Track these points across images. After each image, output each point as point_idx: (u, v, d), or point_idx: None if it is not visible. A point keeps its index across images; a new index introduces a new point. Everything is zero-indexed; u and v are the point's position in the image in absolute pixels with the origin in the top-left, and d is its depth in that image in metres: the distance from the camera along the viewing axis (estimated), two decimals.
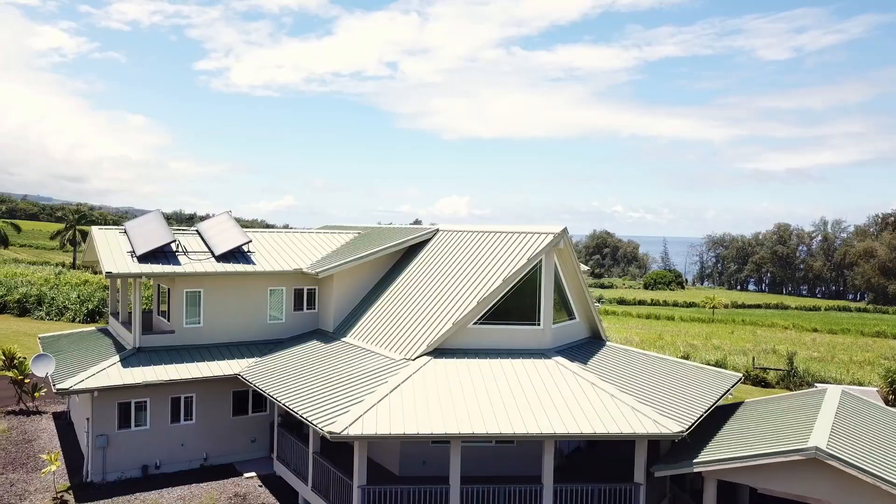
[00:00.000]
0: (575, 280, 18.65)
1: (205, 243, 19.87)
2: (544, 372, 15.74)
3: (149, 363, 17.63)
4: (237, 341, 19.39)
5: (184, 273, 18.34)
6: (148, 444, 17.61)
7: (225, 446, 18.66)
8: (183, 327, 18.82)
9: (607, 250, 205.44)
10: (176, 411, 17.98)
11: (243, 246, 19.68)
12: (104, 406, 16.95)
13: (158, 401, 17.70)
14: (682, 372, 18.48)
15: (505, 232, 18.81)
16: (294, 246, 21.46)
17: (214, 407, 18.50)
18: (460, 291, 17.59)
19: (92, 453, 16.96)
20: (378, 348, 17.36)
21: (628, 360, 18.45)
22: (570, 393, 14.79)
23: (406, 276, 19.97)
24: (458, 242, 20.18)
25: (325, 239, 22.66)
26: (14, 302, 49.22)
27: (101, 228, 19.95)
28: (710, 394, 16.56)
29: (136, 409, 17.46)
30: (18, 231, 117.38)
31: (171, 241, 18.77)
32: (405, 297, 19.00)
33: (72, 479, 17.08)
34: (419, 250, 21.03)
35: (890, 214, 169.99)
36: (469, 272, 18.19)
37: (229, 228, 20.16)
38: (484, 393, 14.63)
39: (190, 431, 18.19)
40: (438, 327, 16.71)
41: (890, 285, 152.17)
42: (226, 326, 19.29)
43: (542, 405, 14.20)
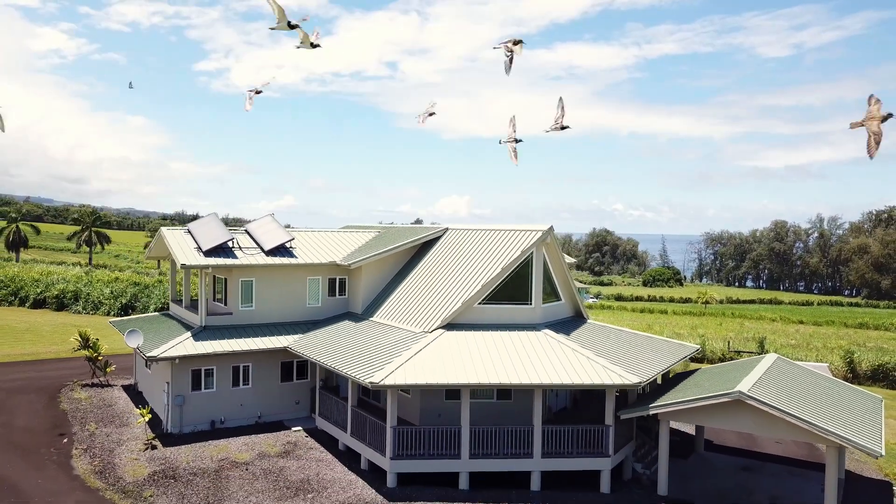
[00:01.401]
0: (560, 269, 22.65)
1: (254, 241, 23.90)
2: (535, 341, 19.75)
3: (213, 338, 21.67)
4: (282, 322, 23.42)
5: (240, 265, 22.39)
6: (214, 403, 21.69)
7: (275, 407, 22.73)
8: (239, 310, 22.87)
9: (607, 248, 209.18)
10: (236, 378, 22.06)
11: (287, 243, 23.72)
12: (181, 372, 21.03)
13: (222, 369, 21.77)
14: (649, 343, 22.52)
15: (502, 229, 22.83)
16: (326, 243, 25.50)
17: (266, 375, 22.57)
18: (467, 278, 21.61)
19: (171, 410, 21.03)
20: (401, 324, 21.40)
21: (605, 334, 22.47)
22: (555, 356, 18.79)
23: (421, 267, 24.00)
24: (464, 239, 24.20)
25: (351, 237, 26.69)
26: (53, 298, 53.37)
27: (170, 229, 24.03)
28: (668, 358, 20.60)
29: (205, 375, 21.54)
30: (38, 233, 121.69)
31: (229, 240, 22.84)
32: (421, 284, 23.03)
33: (154, 432, 21.12)
34: (432, 246, 25.05)
35: (883, 211, 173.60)
36: (473, 262, 22.20)
37: (274, 228, 24.20)
38: (487, 355, 18.64)
39: (247, 394, 22.27)
40: (450, 306, 20.72)
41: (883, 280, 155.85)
42: (273, 309, 23.34)
43: (532, 364, 18.21)
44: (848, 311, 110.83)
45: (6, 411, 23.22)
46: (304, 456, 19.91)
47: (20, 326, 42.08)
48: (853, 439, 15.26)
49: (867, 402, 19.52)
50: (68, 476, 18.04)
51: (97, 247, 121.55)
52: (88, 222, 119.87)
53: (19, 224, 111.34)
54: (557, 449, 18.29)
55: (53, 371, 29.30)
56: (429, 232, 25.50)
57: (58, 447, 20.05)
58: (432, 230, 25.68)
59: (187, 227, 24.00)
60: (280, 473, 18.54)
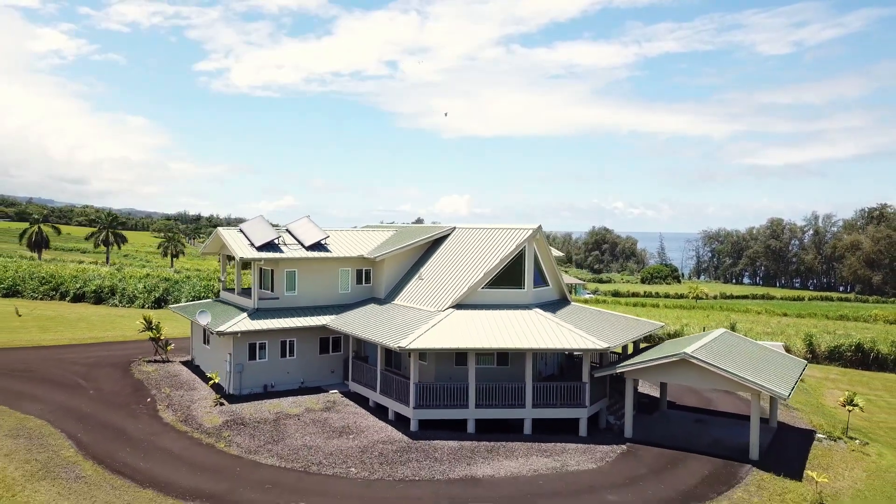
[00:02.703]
0: (548, 260, 27.48)
1: (295, 238, 28.76)
2: (527, 317, 24.58)
3: (265, 318, 26.55)
4: (319, 305, 28.29)
5: (286, 258, 27.27)
6: (266, 371, 26.59)
7: (314, 375, 27.63)
8: (284, 295, 27.75)
9: (606, 246, 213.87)
10: (283, 350, 26.95)
11: (322, 240, 28.60)
12: (240, 345, 25.93)
13: (272, 343, 26.67)
14: (620, 320, 27.39)
15: (500, 228, 27.68)
16: (354, 240, 30.36)
17: (307, 348, 27.47)
18: (471, 267, 26.45)
19: (232, 376, 25.92)
20: (418, 305, 26.26)
21: (584, 313, 27.33)
22: (542, 328, 23.63)
23: (434, 259, 28.85)
24: (469, 236, 29.03)
25: (373, 235, 31.55)
26: (91, 292, 58.29)
27: (227, 229, 28.88)
28: (634, 331, 25.48)
29: (259, 347, 26.43)
30: (59, 234, 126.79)
31: (275, 238, 27.72)
32: (434, 273, 27.88)
33: (217, 394, 25.99)
34: (441, 242, 29.89)
35: (875, 209, 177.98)
36: (476, 255, 27.04)
37: (311, 228, 29.06)
38: (488, 328, 23.48)
39: (292, 364, 27.17)
40: (458, 290, 25.56)
41: (874, 276, 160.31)
42: (312, 295, 28.22)
43: (525, 334, 23.05)
44: (836, 304, 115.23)
45: (93, 380, 28.14)
46: (342, 410, 24.83)
47: (71, 317, 47.02)
48: (765, 385, 20.10)
49: (793, 365, 24.36)
50: (160, 423, 22.96)
51: (114, 246, 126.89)
52: (105, 223, 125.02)
53: (41, 225, 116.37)
54: (545, 401, 23.15)
55: (118, 351, 34.21)
56: (439, 231, 30.34)
57: (144, 404, 24.97)
58: (442, 229, 30.51)
59: (239, 227, 28.84)
60: (325, 422, 23.44)
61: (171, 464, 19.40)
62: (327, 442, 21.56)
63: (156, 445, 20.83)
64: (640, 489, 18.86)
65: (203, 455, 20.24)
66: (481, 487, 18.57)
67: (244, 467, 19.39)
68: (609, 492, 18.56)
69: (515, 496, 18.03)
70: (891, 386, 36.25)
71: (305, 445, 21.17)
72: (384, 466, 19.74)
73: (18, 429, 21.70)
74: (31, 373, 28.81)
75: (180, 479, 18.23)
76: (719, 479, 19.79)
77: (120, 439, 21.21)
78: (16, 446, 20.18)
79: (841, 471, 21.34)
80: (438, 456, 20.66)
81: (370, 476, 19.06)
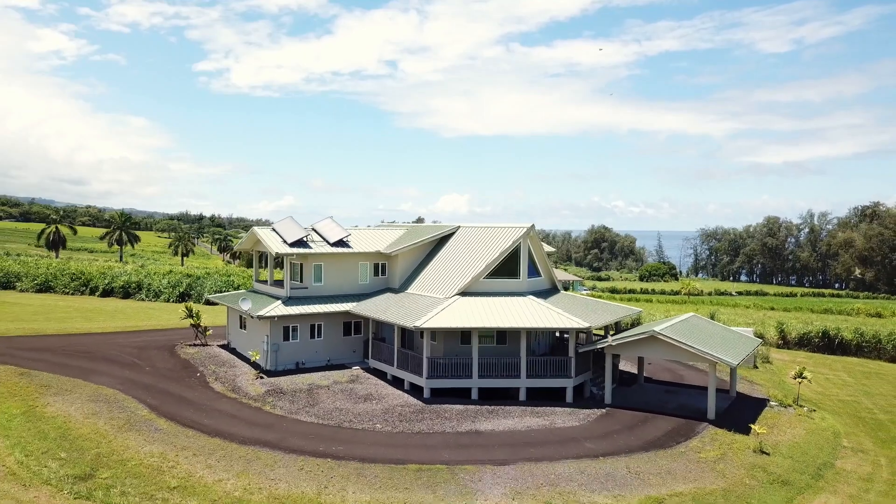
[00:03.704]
0: (540, 254, 31.68)
1: (321, 236, 32.99)
2: (522, 303, 28.78)
3: (296, 305, 30.78)
4: (342, 294, 32.52)
5: (314, 253, 31.51)
6: (298, 350, 30.83)
7: (339, 354, 31.88)
8: (312, 285, 31.99)
9: (605, 245, 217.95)
10: (312, 332, 31.20)
11: (344, 238, 32.84)
12: (276, 327, 30.18)
13: (303, 326, 30.91)
14: (603, 306, 31.61)
15: (499, 226, 31.88)
16: (371, 237, 34.59)
17: (332, 331, 31.71)
18: (474, 260, 30.65)
19: (269, 354, 30.17)
20: (429, 293, 30.47)
21: (572, 299, 31.54)
22: (535, 311, 27.82)
23: (441, 254, 33.07)
24: (471, 233, 33.22)
25: (388, 233, 35.78)
26: (119, 287, 62.64)
27: (261, 228, 33.09)
28: (613, 314, 29.70)
29: (292, 330, 30.67)
30: (75, 233, 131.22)
31: (304, 236, 31.96)
32: (442, 265, 32.09)
33: (256, 370, 30.22)
34: (448, 239, 34.09)
35: (868, 207, 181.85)
36: (478, 249, 31.23)
37: (335, 227, 33.31)
38: (489, 311, 27.69)
39: (320, 344, 31.41)
40: (463, 280, 29.76)
41: (866, 273, 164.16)
42: (336, 285, 32.45)
43: (520, 316, 27.25)
44: (825, 300, 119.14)
45: (146, 359, 32.41)
46: (364, 382, 29.10)
47: (108, 308, 51.33)
48: (717, 355, 24.33)
49: (747, 342, 28.58)
50: (213, 392, 27.24)
51: (127, 245, 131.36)
52: (119, 224, 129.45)
53: (59, 225, 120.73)
54: (537, 373, 27.38)
55: (160, 336, 38.48)
56: (445, 229, 34.56)
57: (195, 378, 29.24)
58: (448, 228, 34.72)
59: (272, 226, 33.05)
60: (351, 391, 27.72)
61: (229, 420, 23.66)
62: (355, 406, 25.83)
63: (213, 408, 25.10)
64: (614, 439, 23.10)
65: (253, 415, 24.51)
66: (483, 438, 22.83)
67: (289, 423, 23.66)
68: (588, 441, 22.79)
69: (511, 443, 22.27)
70: (850, 367, 40.45)
71: (337, 408, 25.44)
72: (404, 423, 24.01)
73: (96, 396, 25.96)
74: (91, 354, 33.07)
75: (239, 431, 22.49)
76: (680, 432, 24.02)
77: (182, 403, 25.48)
78: (98, 408, 24.44)
79: (785, 429, 25.56)
80: (448, 416, 24.92)
81: (393, 430, 23.32)
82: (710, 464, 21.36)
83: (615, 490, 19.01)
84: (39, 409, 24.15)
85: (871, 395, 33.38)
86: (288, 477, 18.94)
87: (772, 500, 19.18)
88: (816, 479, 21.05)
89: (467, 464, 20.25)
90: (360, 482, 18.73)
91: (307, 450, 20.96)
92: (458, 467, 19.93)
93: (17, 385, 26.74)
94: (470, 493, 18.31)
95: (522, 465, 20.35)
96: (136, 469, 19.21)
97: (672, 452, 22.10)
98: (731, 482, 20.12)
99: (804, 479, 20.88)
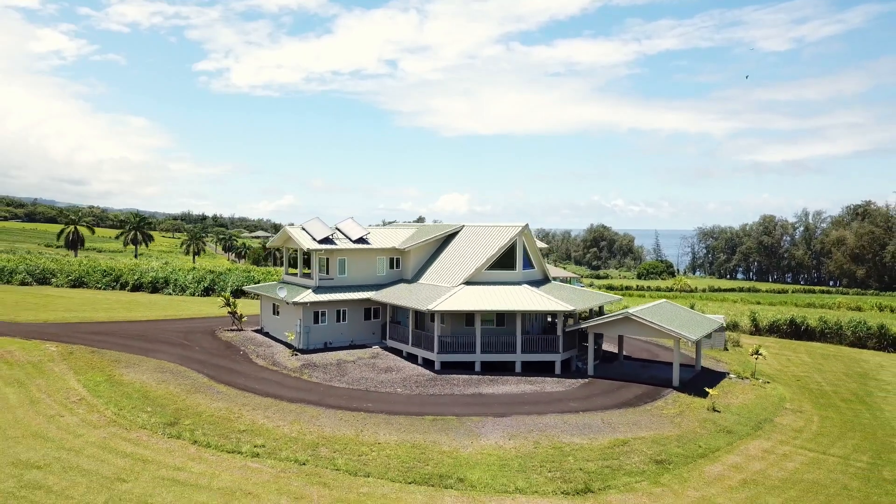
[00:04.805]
0: (534, 249, 36.68)
1: (344, 234, 38.00)
2: (517, 291, 33.77)
3: (324, 293, 35.81)
4: (363, 284, 37.55)
5: (339, 249, 36.54)
6: (326, 332, 35.86)
7: (360, 335, 36.92)
8: (337, 276, 37.02)
9: (604, 243, 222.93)
10: (338, 317, 36.23)
11: (364, 235, 37.86)
12: (308, 312, 35.22)
13: (331, 311, 35.94)
14: (587, 293, 36.62)
15: (498, 226, 36.88)
16: (387, 235, 39.61)
17: (355, 315, 36.76)
18: (477, 254, 35.64)
19: (302, 335, 35.20)
20: (437, 283, 35.47)
21: (561, 287, 36.55)
22: (528, 297, 32.82)
23: (448, 249, 38.08)
24: (474, 231, 38.21)
25: (400, 231, 40.79)
26: (147, 283, 67.69)
27: (293, 227, 38.10)
28: (596, 300, 34.72)
29: (321, 314, 35.71)
30: (93, 233, 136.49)
31: (330, 234, 36.99)
32: (448, 259, 37.09)
33: (290, 349, 35.23)
34: (454, 237, 39.08)
35: (860, 205, 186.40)
36: (480, 245, 36.21)
37: (356, 226, 38.35)
38: (489, 297, 32.68)
39: (344, 327, 36.46)
40: (467, 271, 34.74)
41: (858, 270, 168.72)
42: (358, 276, 37.48)
43: (516, 301, 32.25)
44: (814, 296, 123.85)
45: (193, 341, 37.44)
46: (384, 358, 34.13)
47: (143, 301, 56.41)
48: (679, 331, 29.30)
49: (710, 323, 33.53)
50: (257, 365, 32.28)
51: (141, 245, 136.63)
52: (134, 224, 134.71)
53: (78, 226, 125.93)
54: (530, 349, 32.37)
55: (199, 324, 43.53)
56: (451, 228, 39.57)
57: (239, 355, 34.28)
58: (454, 227, 39.72)
59: (301, 225, 38.05)
60: (374, 364, 32.75)
61: (275, 386, 28.70)
62: (378, 375, 30.87)
63: (260, 377, 30.14)
64: (593, 401, 28.08)
65: (294, 382, 29.55)
66: (485, 398, 27.84)
67: (325, 387, 28.70)
68: (571, 401, 27.79)
69: (508, 402, 27.28)
70: (812, 350, 45.39)
71: (363, 377, 30.49)
72: (419, 387, 29.04)
73: (160, 368, 31.00)
74: (144, 336, 38.12)
75: (285, 394, 27.52)
76: (648, 395, 29.01)
77: (233, 373, 30.52)
78: (165, 377, 29.48)
79: (738, 394, 30.53)
80: (455, 383, 29.93)
81: (411, 393, 28.35)
82: (669, 418, 26.34)
83: (590, 434, 24.00)
84: (117, 377, 29.22)
85: (823, 372, 38.31)
86: (331, 424, 23.97)
87: (715, 443, 24.14)
88: (755, 430, 26.02)
89: (472, 416, 25.27)
90: (388, 427, 23.76)
91: (343, 406, 26.00)
92: (465, 418, 24.95)
93: (92, 359, 31.82)
94: (475, 435, 23.32)
95: (517, 417, 25.36)
96: (210, 418, 24.25)
97: (639, 410, 27.09)
98: (685, 431, 25.10)
99: (745, 430, 25.85)
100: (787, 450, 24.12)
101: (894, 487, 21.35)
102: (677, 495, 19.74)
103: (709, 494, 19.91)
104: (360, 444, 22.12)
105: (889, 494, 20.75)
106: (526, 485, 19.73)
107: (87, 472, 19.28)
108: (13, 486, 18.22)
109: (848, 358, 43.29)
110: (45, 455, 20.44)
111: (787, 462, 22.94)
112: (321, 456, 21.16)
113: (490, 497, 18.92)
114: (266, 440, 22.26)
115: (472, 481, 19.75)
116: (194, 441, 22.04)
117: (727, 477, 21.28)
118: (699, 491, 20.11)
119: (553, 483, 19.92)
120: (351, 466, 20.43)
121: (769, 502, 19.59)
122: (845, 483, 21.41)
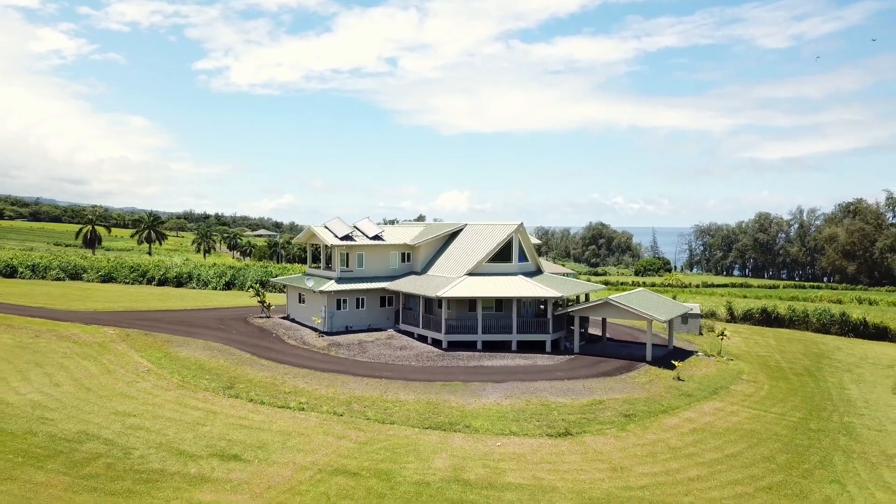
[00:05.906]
0: (528, 244, 41.86)
1: (361, 232, 43.21)
2: (513, 280, 38.94)
3: (345, 283, 41.01)
4: (379, 275, 42.74)
5: (357, 244, 41.76)
6: (347, 317, 41.10)
7: (377, 320, 42.16)
8: (356, 269, 42.23)
9: (602, 241, 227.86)
10: (357, 304, 41.47)
11: (380, 233, 43.07)
12: (332, 299, 40.45)
13: (351, 299, 41.18)
14: (574, 283, 41.85)
15: (497, 224, 42.07)
16: (399, 232, 44.81)
17: (372, 303, 41.99)
18: (478, 249, 40.81)
19: (327, 320, 40.43)
20: (444, 274, 40.65)
21: (551, 278, 41.76)
22: (523, 286, 37.99)
23: (453, 245, 43.26)
24: (476, 229, 43.39)
25: (410, 229, 46.00)
26: (172, 278, 72.97)
27: (316, 226, 43.24)
28: (583, 288, 39.92)
29: (343, 301, 40.95)
30: (109, 232, 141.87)
31: (350, 231, 42.20)
32: (453, 253, 42.28)
33: (316, 331, 40.42)
34: (458, 234, 44.27)
35: (851, 203, 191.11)
36: (481, 241, 41.37)
37: (371, 225, 43.55)
38: (489, 286, 37.86)
39: (363, 313, 41.69)
40: (469, 264, 39.91)
41: (849, 266, 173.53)
42: (374, 269, 42.68)
43: (512, 289, 37.42)
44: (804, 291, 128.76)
45: (229, 326, 42.66)
46: (398, 339, 39.37)
47: (173, 294, 61.67)
48: (650, 313, 34.48)
49: (680, 308, 38.68)
50: (289, 345, 37.51)
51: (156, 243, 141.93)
52: (148, 223, 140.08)
53: (95, 225, 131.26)
54: (524, 330, 37.58)
55: (229, 312, 48.76)
56: (455, 226, 44.76)
57: (273, 337, 39.50)
58: (458, 225, 44.89)
59: (324, 224, 43.22)
60: (389, 344, 37.97)
61: (309, 360, 33.91)
62: (394, 352, 36.09)
63: (293, 353, 35.36)
64: (577, 371, 33.27)
65: (324, 357, 34.77)
66: (486, 369, 33.04)
67: (350, 361, 33.93)
68: (558, 371, 32.98)
69: (505, 372, 32.47)
70: (779, 336, 50.52)
71: (381, 353, 35.70)
72: (430, 362, 34.26)
73: (208, 346, 36.21)
74: (186, 322, 43.35)
75: (318, 365, 32.73)
76: (624, 368, 34.17)
77: (272, 351, 35.74)
78: (214, 354, 34.69)
79: (702, 368, 35.70)
80: (461, 358, 35.14)
81: (423, 365, 33.56)
82: (640, 385, 31.53)
83: (572, 396, 29.18)
84: (173, 354, 34.46)
85: (783, 353, 43.47)
86: (359, 388, 29.19)
87: (676, 403, 29.31)
88: (712, 394, 31.20)
89: (475, 381, 30.47)
90: (406, 390, 28.97)
91: (368, 374, 31.23)
92: (469, 383, 30.16)
93: (147, 340, 37.06)
94: (478, 395, 28.52)
95: (512, 382, 30.56)
96: (259, 384, 29.48)
97: (615, 378, 32.27)
98: (652, 394, 30.28)
99: (703, 394, 31.03)
100: (735, 409, 29.31)
101: (816, 434, 26.58)
102: (638, 437, 24.94)
103: (664, 437, 25.12)
104: (384, 402, 27.36)
105: (809, 439, 25.97)
106: (518, 429, 24.94)
107: (173, 420, 24.53)
108: (119, 427, 23.47)
109: (810, 341, 48.43)
110: (136, 408, 25.69)
111: (732, 417, 28.14)
112: (354, 410, 26.40)
113: (490, 437, 24.14)
114: (308, 399, 27.50)
115: (476, 427, 24.97)
116: (250, 399, 27.28)
117: (681, 426, 26.48)
118: (656, 435, 25.32)
119: (540, 429, 25.12)
120: (379, 416, 25.66)
121: (711, 442, 24.80)
122: (777, 431, 26.62)
